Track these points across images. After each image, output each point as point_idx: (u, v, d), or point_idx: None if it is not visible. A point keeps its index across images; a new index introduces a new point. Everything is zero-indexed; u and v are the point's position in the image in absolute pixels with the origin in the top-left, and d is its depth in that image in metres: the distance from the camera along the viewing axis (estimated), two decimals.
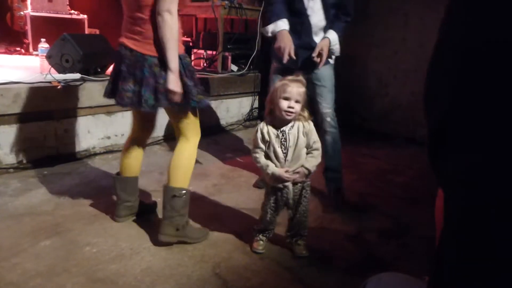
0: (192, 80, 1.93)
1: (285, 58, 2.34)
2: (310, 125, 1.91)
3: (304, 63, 2.48)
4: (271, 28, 2.41)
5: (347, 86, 2.83)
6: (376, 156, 3.68)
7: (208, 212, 2.44)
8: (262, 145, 1.89)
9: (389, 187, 3.02)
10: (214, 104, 4.20)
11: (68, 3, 5.08)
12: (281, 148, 1.86)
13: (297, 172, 1.86)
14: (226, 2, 4.21)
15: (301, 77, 1.87)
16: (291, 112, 1.82)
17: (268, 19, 2.46)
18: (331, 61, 2.57)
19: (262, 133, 1.88)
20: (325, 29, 2.48)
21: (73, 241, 2.03)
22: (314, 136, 1.91)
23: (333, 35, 2.44)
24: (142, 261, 1.91)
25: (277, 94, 1.83)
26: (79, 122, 3.16)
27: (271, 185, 1.93)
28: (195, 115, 2.05)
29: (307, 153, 1.90)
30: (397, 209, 2.65)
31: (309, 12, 2.44)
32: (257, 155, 1.90)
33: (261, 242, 2.03)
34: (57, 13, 4.92)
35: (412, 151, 3.79)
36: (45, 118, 2.95)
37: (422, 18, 3.99)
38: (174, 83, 1.83)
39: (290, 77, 1.88)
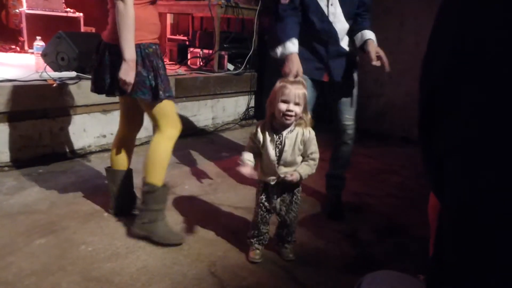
0: (149, 71, 1.89)
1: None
2: (311, 134, 1.84)
3: (337, 74, 2.33)
4: (279, 51, 2.20)
5: None
6: (372, 155, 3.70)
7: (204, 211, 2.44)
8: (251, 143, 1.88)
9: (384, 187, 3.03)
10: (210, 103, 4.20)
11: (64, 1, 5.05)
12: (275, 150, 1.81)
13: (291, 175, 1.81)
14: (223, 1, 4.21)
15: (300, 79, 1.84)
16: (290, 116, 1.76)
17: (278, 37, 2.23)
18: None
19: (256, 132, 1.86)
20: (348, 32, 2.32)
21: (68, 240, 2.02)
22: (313, 147, 1.85)
23: (373, 35, 2.30)
24: (137, 260, 1.90)
25: (276, 97, 1.77)
26: (75, 121, 3.15)
27: (262, 184, 1.90)
28: (166, 106, 1.99)
29: (302, 161, 1.86)
30: (392, 208, 2.66)
31: (331, 18, 2.24)
32: (244, 151, 1.89)
33: (257, 251, 1.99)
34: (53, 11, 4.89)
35: (407, 151, 3.81)
36: (41, 116, 2.94)
37: (417, 18, 4.01)
38: (125, 72, 1.82)
39: (289, 79, 1.86)
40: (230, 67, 4.43)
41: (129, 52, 1.81)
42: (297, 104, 1.77)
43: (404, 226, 2.42)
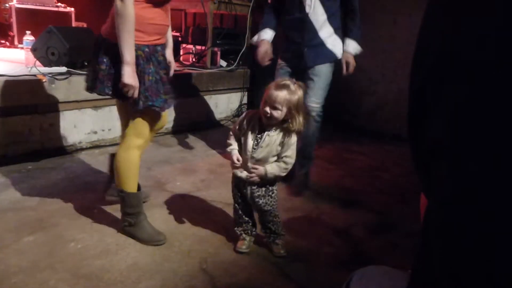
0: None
1: (263, 63, 2.55)
2: (292, 139, 1.83)
3: (311, 61, 2.57)
4: (255, 38, 2.66)
5: (337, 83, 2.86)
6: (364, 152, 3.70)
7: (196, 208, 2.42)
8: (237, 129, 1.89)
9: (376, 184, 3.03)
10: (203, 99, 4.18)
11: None
12: (252, 143, 1.82)
13: (255, 168, 1.83)
14: None
15: (287, 82, 1.79)
16: (266, 117, 1.78)
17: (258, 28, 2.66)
18: (339, 55, 2.63)
19: (243, 118, 1.87)
20: (330, 20, 2.54)
21: (57, 237, 2.00)
22: (290, 152, 1.84)
23: (351, 46, 2.58)
24: (128, 257, 1.89)
25: (263, 96, 1.80)
26: (65, 116, 3.12)
27: (234, 176, 1.92)
28: (142, 116, 1.90)
29: (276, 160, 1.86)
30: (384, 205, 2.67)
31: (307, 10, 2.49)
32: (230, 135, 1.90)
33: (245, 241, 2.00)
34: (44, 6, 4.83)
35: (399, 148, 3.82)
36: (30, 112, 2.90)
37: (411, 16, 4.01)
38: (128, 76, 1.72)
39: (279, 80, 1.85)
40: (223, 63, 4.41)
41: (129, 54, 1.71)
42: (275, 108, 1.76)
43: (395, 223, 2.42)
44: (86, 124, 3.26)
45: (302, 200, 2.64)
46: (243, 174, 1.87)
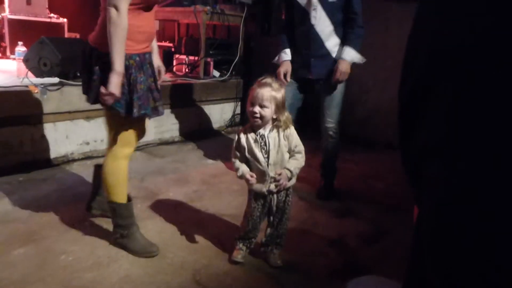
0: (127, 85, 1.79)
1: (284, 83, 2.62)
2: (291, 129, 1.86)
3: (317, 72, 2.64)
4: (276, 58, 2.78)
5: None
6: (357, 161, 3.71)
7: (189, 219, 2.40)
8: (237, 153, 1.86)
9: (369, 192, 3.04)
10: (196, 109, 4.18)
11: (47, 6, 4.99)
12: (261, 152, 1.82)
13: (280, 175, 1.79)
14: (209, 8, 4.20)
15: (269, 80, 1.80)
16: (255, 117, 1.77)
17: (277, 48, 2.79)
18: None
19: (238, 141, 1.86)
20: (337, 30, 2.60)
21: (48, 249, 1.97)
22: (296, 140, 1.86)
23: (347, 53, 2.57)
24: (120, 269, 1.86)
25: (248, 99, 1.81)
26: (57, 127, 3.09)
27: (254, 192, 1.89)
28: (131, 124, 1.89)
29: (290, 157, 1.86)
30: (377, 214, 2.67)
31: (313, 21, 2.56)
32: (234, 161, 1.87)
33: (241, 251, 1.98)
34: (36, 17, 4.82)
35: (392, 157, 3.82)
36: (21, 123, 2.87)
37: (401, 23, 4.06)
38: (114, 86, 1.70)
39: (260, 80, 1.83)
40: (216, 73, 4.42)
41: (119, 64, 1.70)
42: (263, 106, 1.76)
43: (389, 231, 2.42)
44: (79, 135, 3.24)
45: (296, 210, 2.63)
46: (271, 186, 1.83)
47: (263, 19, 4.45)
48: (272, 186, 1.84)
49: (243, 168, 1.84)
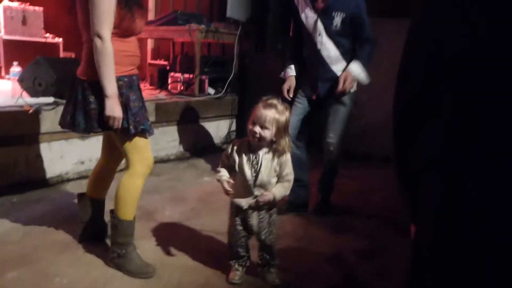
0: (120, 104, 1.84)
1: (287, 97, 2.67)
2: (287, 156, 1.83)
3: (324, 93, 2.69)
4: (283, 74, 2.82)
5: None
6: (354, 176, 3.71)
7: (185, 237, 2.38)
8: (225, 160, 1.86)
9: (366, 207, 3.03)
10: (191, 127, 4.18)
11: (43, 26, 5.02)
12: (251, 170, 1.80)
13: (265, 196, 1.78)
14: (203, 26, 4.25)
15: (275, 102, 1.79)
16: (255, 137, 1.76)
17: (284, 63, 2.86)
18: (352, 89, 2.69)
19: (231, 152, 1.85)
20: (345, 56, 2.62)
21: (42, 272, 1.94)
22: (288, 169, 1.84)
23: (354, 66, 2.58)
24: None
25: (250, 117, 1.80)
26: (52, 147, 3.08)
27: (234, 205, 1.88)
28: (140, 141, 1.94)
29: (277, 181, 1.84)
30: (374, 228, 2.65)
31: (319, 46, 2.61)
32: (218, 167, 1.87)
33: (238, 272, 1.95)
34: (32, 37, 4.85)
35: (388, 171, 3.81)
36: (16, 143, 2.86)
37: (393, 41, 4.11)
38: (110, 109, 1.78)
39: (266, 99, 1.81)
40: (211, 91, 4.44)
41: (111, 88, 1.77)
42: (264, 127, 1.75)
43: (387, 246, 2.41)
44: (73, 155, 3.22)
45: (293, 226, 2.62)
46: (250, 202, 1.82)
47: (257, 36, 4.50)
48: (252, 201, 1.82)
49: (224, 173, 1.83)
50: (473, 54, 0.59)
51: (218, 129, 4.49)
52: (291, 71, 2.77)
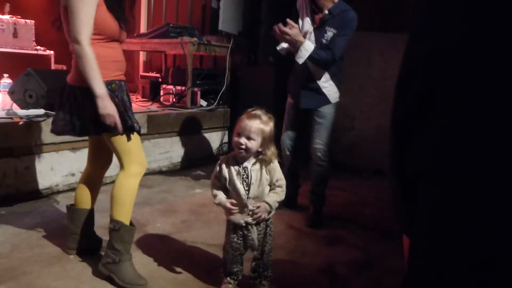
0: (116, 106, 1.88)
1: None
2: (274, 163, 1.83)
3: (306, 102, 2.80)
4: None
5: None
6: (345, 188, 3.72)
7: (177, 250, 2.35)
8: (216, 182, 1.84)
9: (358, 219, 3.03)
10: (183, 139, 4.17)
11: (34, 39, 5.01)
12: (242, 184, 1.78)
13: (258, 207, 1.77)
14: (195, 39, 4.27)
15: (258, 112, 1.78)
16: (241, 148, 1.75)
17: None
18: (333, 100, 2.80)
19: (220, 171, 1.82)
20: (329, 70, 2.74)
21: (30, 286, 1.90)
22: (278, 174, 1.83)
23: (309, 44, 2.62)
24: None
25: (235, 129, 1.80)
26: (42, 159, 3.05)
27: (232, 223, 1.84)
28: (132, 142, 1.96)
29: (270, 189, 1.83)
30: (367, 240, 2.65)
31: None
32: (212, 189, 1.85)
33: (230, 285, 1.92)
34: (22, 49, 4.84)
35: (380, 183, 3.85)
36: (4, 155, 2.82)
37: (383, 54, 4.18)
38: (103, 107, 1.80)
39: (250, 110, 1.81)
40: (203, 103, 4.45)
41: (99, 88, 1.80)
42: (250, 138, 1.74)
43: (379, 259, 2.40)
44: (64, 167, 3.19)
45: (285, 238, 2.60)
46: (247, 219, 1.80)
47: (249, 49, 4.53)
48: (250, 219, 1.80)
49: (221, 196, 1.82)
50: (473, 56, 0.60)
51: (210, 141, 4.49)
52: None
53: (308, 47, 2.62)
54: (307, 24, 2.73)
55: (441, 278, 0.61)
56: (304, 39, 2.63)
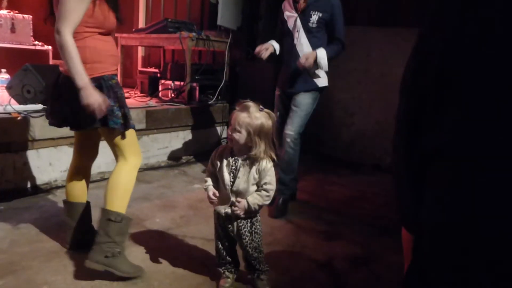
0: (116, 102, 1.89)
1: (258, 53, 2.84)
2: (268, 165, 1.77)
3: (295, 87, 2.85)
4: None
5: (315, 116, 2.94)
6: (344, 184, 3.72)
7: (175, 245, 2.36)
8: (210, 167, 1.87)
9: (357, 215, 3.03)
10: (182, 134, 4.17)
11: (32, 34, 4.99)
12: (230, 175, 1.78)
13: (239, 202, 1.76)
14: (194, 34, 4.26)
15: (249, 104, 1.75)
16: (230, 140, 1.77)
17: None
18: (320, 84, 2.86)
19: (215, 155, 1.86)
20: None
21: (29, 281, 1.90)
22: (268, 178, 1.78)
23: (321, 51, 2.74)
24: None
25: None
26: (40, 154, 3.04)
27: (217, 212, 1.87)
28: (131, 135, 1.99)
29: (256, 190, 1.80)
30: (366, 236, 2.66)
31: (295, 41, 2.82)
32: (205, 176, 1.89)
33: (228, 279, 1.93)
34: (20, 44, 4.82)
35: (379, 179, 3.86)
36: (3, 150, 2.82)
37: (382, 50, 4.17)
38: (85, 97, 1.76)
39: (242, 102, 1.79)
40: (202, 98, 4.44)
41: (80, 79, 1.75)
42: (236, 130, 1.73)
43: (378, 254, 2.41)
44: (62, 162, 3.19)
45: (284, 233, 2.61)
46: (227, 210, 1.81)
47: (248, 44, 4.52)
48: (228, 210, 1.81)
49: (209, 183, 1.85)
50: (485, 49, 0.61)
51: (209, 136, 4.48)
52: (273, 42, 2.92)
53: (322, 54, 2.72)
54: (291, 13, 2.83)
55: (450, 269, 0.60)
56: (314, 54, 2.70)
